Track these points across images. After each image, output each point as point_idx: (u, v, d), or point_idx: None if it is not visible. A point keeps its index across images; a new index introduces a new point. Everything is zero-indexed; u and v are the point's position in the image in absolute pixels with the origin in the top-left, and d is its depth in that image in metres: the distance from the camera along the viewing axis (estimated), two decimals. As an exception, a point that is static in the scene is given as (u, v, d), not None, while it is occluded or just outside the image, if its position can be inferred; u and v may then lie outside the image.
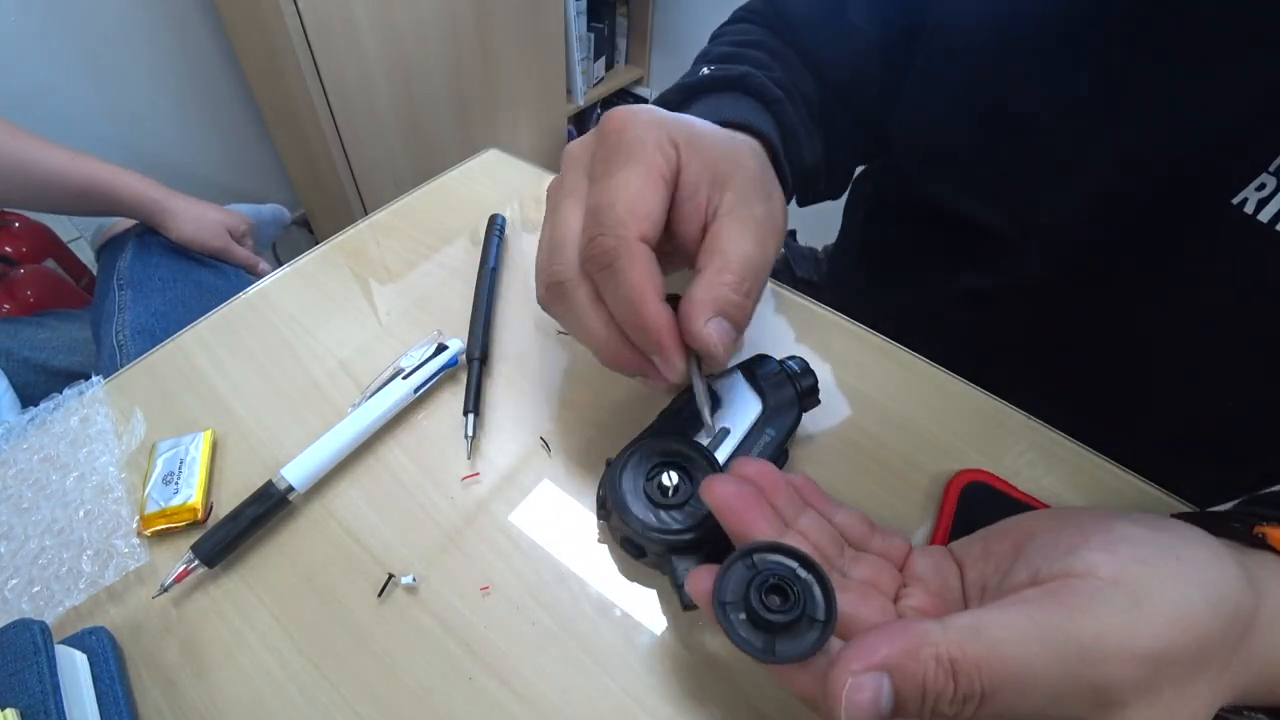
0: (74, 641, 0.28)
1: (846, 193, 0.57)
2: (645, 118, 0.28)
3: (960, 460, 0.34)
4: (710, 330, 0.26)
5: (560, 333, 0.41)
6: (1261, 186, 0.30)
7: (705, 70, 0.40)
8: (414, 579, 0.30)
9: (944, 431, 0.36)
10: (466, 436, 0.35)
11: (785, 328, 0.41)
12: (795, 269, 0.71)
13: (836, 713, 0.18)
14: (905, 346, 0.40)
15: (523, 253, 0.46)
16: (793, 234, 0.75)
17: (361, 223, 0.48)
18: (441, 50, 1.23)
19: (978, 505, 0.32)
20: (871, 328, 0.41)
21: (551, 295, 0.28)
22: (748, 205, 0.28)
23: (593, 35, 1.67)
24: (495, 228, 0.45)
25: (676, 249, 0.29)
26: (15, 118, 1.00)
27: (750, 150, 0.31)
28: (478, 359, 0.38)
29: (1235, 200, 0.31)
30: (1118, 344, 0.41)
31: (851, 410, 0.37)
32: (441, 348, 0.38)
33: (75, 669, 0.27)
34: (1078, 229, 0.38)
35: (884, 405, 0.37)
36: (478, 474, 0.34)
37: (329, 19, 1.02)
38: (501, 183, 0.52)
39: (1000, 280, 0.44)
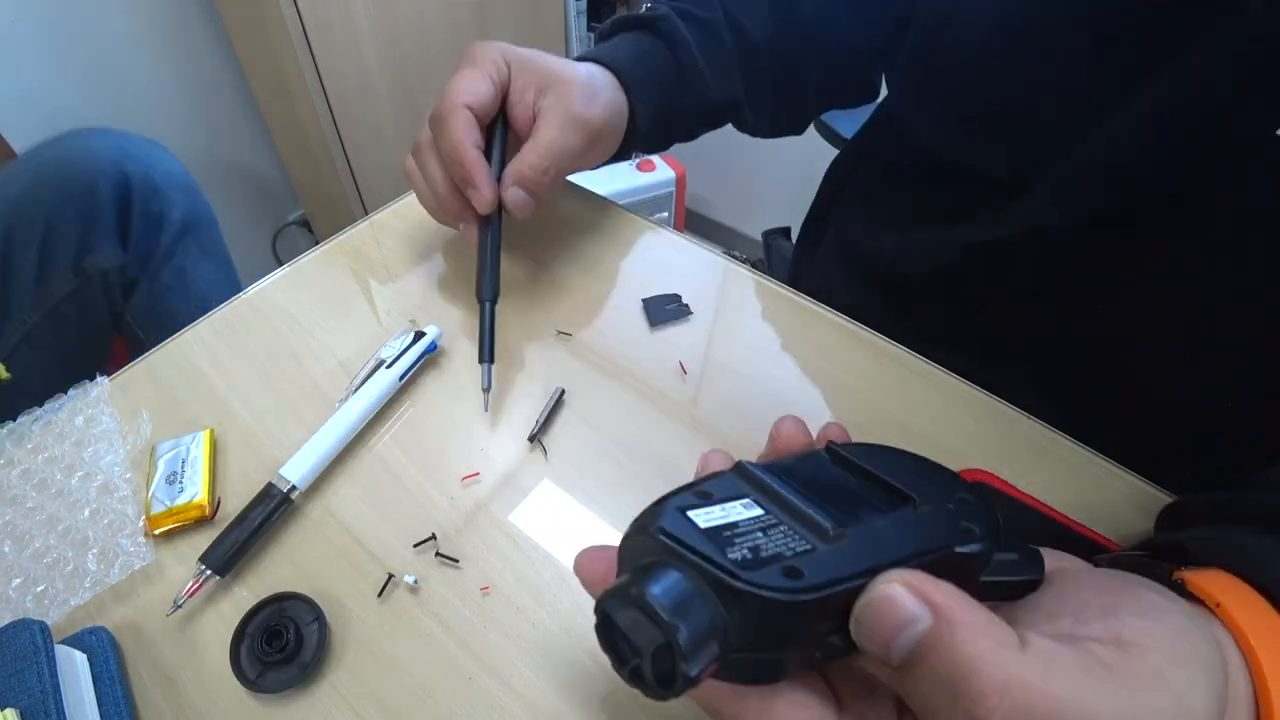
0: (74, 641, 0.28)
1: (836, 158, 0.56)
2: (490, 44, 0.39)
3: (960, 460, 0.34)
4: (509, 194, 0.38)
5: (560, 333, 0.41)
6: None
7: (644, 9, 0.47)
8: (414, 579, 0.31)
9: (944, 431, 0.36)
10: (485, 389, 0.36)
11: (783, 326, 0.41)
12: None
13: (856, 620, 0.16)
14: (900, 303, 0.39)
15: (522, 235, 0.46)
16: (786, 232, 0.74)
17: (361, 223, 0.48)
18: (441, 51, 1.23)
19: (977, 505, 0.32)
20: (865, 289, 0.41)
21: (413, 153, 0.40)
22: (563, 103, 0.38)
23: (593, 35, 1.66)
24: None
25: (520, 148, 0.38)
26: (15, 118, 1.00)
27: (586, 72, 0.41)
28: (489, 300, 0.37)
29: None
30: (1133, 301, 0.39)
31: (852, 411, 0.37)
32: (419, 335, 0.38)
33: (75, 669, 0.27)
34: (1097, 173, 0.36)
35: (884, 405, 0.37)
36: (478, 474, 0.34)
37: (329, 19, 1.02)
38: (502, 183, 0.52)
39: (1006, 231, 0.41)
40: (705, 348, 0.40)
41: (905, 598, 0.16)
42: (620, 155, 0.46)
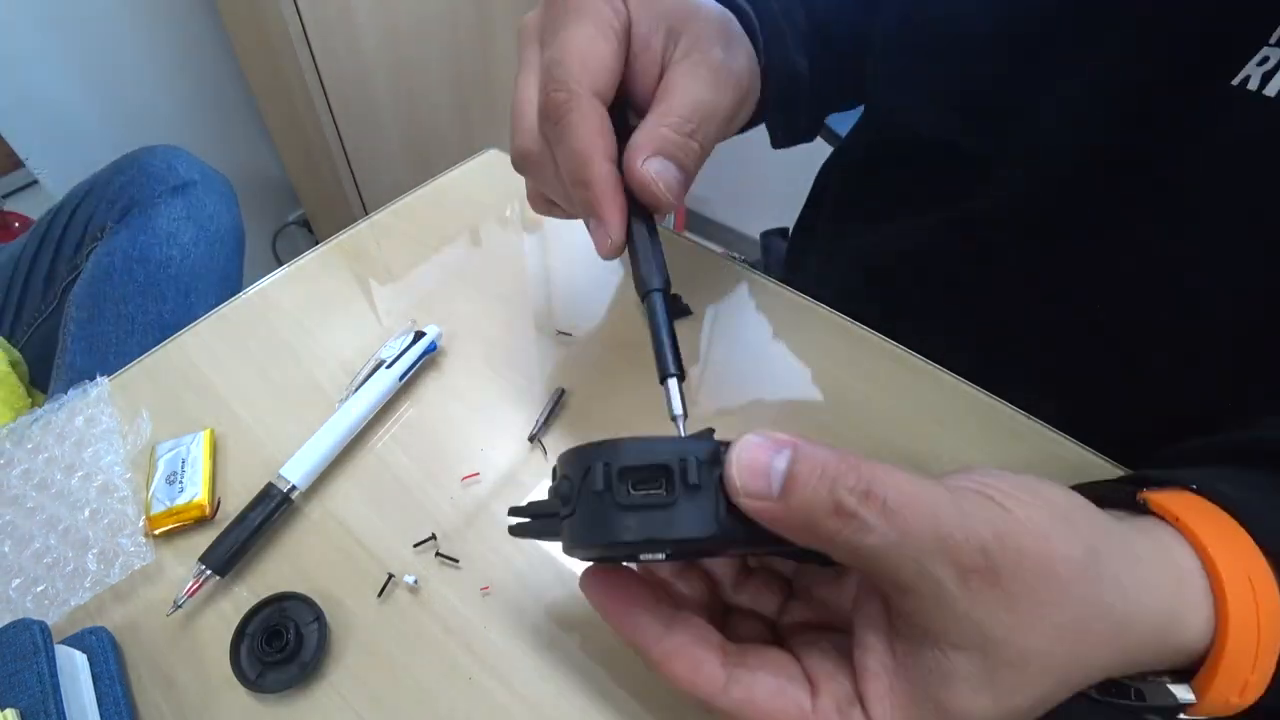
0: (74, 641, 0.28)
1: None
2: None
3: (960, 460, 0.34)
4: (650, 167, 0.25)
5: (560, 333, 0.41)
6: (1264, 60, 0.28)
7: None
8: (414, 579, 0.31)
9: (944, 431, 0.36)
10: (673, 416, 0.24)
11: (783, 326, 0.41)
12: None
13: (730, 476, 0.18)
14: (888, 293, 0.39)
15: (511, 243, 0.46)
16: (784, 232, 0.74)
17: (361, 223, 0.48)
18: (441, 50, 1.23)
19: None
20: (853, 282, 0.40)
21: (521, 166, 0.29)
22: (701, 50, 0.28)
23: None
24: None
25: (637, 113, 0.28)
26: (15, 118, 1.00)
27: (719, 10, 0.30)
28: (659, 289, 0.27)
29: (1235, 81, 0.29)
30: (1113, 273, 0.38)
31: (851, 410, 0.37)
32: (419, 335, 0.38)
33: (75, 669, 0.27)
34: (1063, 139, 0.36)
35: (884, 405, 0.37)
36: (477, 474, 0.34)
37: (329, 19, 1.02)
38: (501, 183, 0.52)
39: (981, 206, 0.41)
40: (705, 347, 0.40)
41: (763, 443, 0.18)
42: (751, 125, 0.39)
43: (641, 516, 0.19)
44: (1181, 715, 0.21)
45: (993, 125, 0.39)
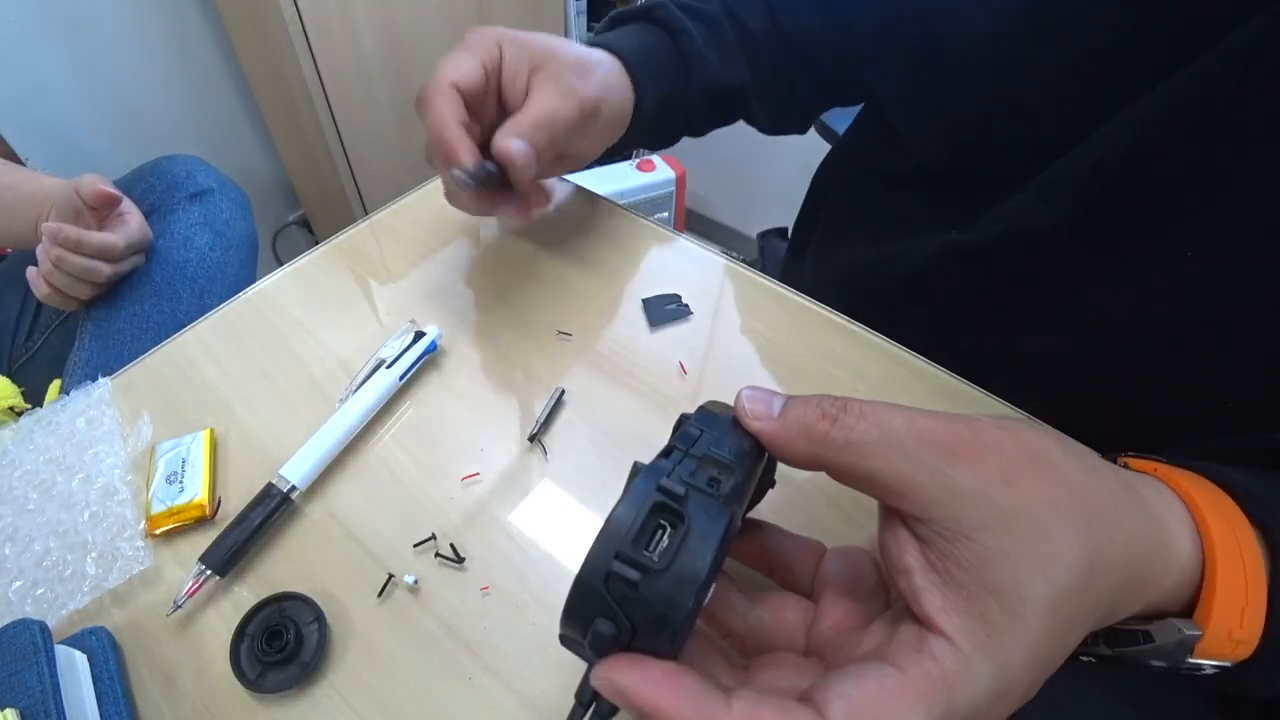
0: (74, 641, 0.28)
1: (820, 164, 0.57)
2: (486, 28, 0.39)
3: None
4: (510, 144, 0.34)
5: (560, 333, 0.41)
6: None
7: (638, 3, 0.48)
8: (414, 579, 0.31)
9: (943, 431, 0.36)
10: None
11: (781, 326, 0.41)
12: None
13: (741, 407, 0.23)
14: (880, 316, 0.40)
15: (522, 235, 0.46)
16: (782, 232, 0.74)
17: (361, 223, 0.48)
18: (441, 50, 1.22)
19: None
20: (845, 298, 0.41)
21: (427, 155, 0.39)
22: (553, 77, 0.37)
23: (592, 36, 1.66)
24: None
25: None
26: (15, 118, 1.00)
27: (584, 51, 0.40)
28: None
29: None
30: (1118, 305, 0.37)
31: (851, 410, 0.37)
32: (419, 335, 0.38)
33: (75, 669, 0.27)
34: (1088, 172, 0.35)
35: (883, 405, 0.37)
36: (478, 474, 0.34)
37: (329, 19, 1.02)
38: (501, 183, 0.52)
39: (989, 233, 0.40)
40: (705, 347, 0.40)
41: (762, 390, 0.23)
42: (626, 144, 0.45)
43: (686, 553, 0.18)
44: (1189, 660, 0.21)
45: (1019, 158, 0.38)
